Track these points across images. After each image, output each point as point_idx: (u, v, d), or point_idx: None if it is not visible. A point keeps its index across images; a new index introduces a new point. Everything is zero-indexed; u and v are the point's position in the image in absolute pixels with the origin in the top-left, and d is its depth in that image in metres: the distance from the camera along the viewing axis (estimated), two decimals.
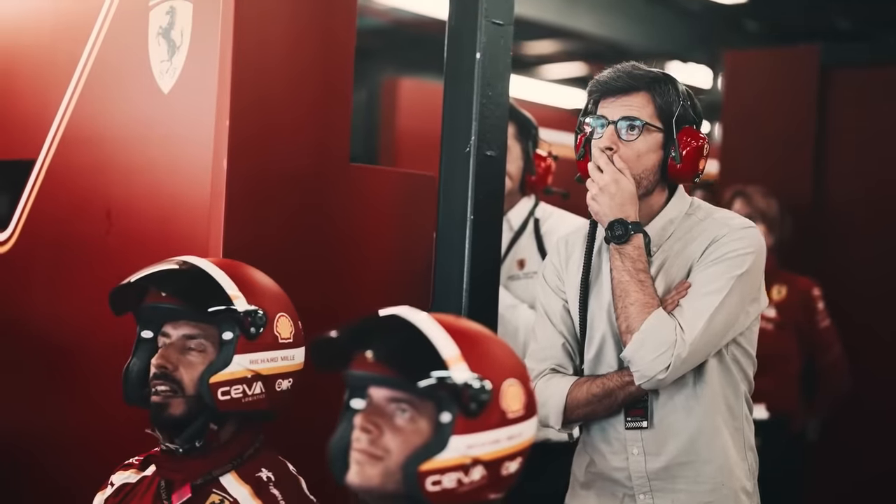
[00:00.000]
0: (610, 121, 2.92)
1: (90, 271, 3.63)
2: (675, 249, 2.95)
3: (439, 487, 2.08)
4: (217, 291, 2.68)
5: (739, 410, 2.99)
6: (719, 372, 2.94)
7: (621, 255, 2.87)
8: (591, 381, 2.97)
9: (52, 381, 3.78)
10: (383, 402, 2.16)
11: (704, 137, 2.94)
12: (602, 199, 2.88)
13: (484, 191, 3.42)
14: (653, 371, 2.82)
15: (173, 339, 2.70)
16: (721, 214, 2.99)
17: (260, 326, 2.69)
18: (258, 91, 3.33)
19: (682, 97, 2.95)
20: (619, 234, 2.87)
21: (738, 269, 2.86)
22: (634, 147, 2.90)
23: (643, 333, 2.82)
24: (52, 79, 3.80)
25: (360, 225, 3.63)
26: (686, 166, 2.92)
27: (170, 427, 2.69)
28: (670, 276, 2.93)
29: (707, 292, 2.85)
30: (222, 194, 3.24)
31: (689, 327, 2.82)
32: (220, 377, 2.65)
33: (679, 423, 2.93)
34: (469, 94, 3.40)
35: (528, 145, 4.11)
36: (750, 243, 2.90)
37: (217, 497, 2.68)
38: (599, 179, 2.88)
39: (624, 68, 2.97)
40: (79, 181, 3.70)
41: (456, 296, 3.39)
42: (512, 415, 2.15)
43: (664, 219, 2.97)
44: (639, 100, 2.92)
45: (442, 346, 2.12)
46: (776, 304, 5.46)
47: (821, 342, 5.54)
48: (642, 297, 2.84)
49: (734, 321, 2.89)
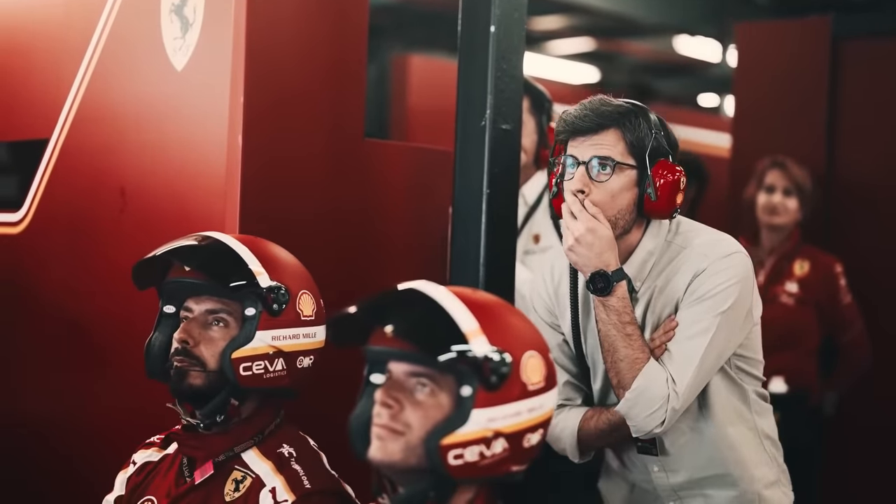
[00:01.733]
0: (580, 161, 2.80)
1: (105, 250, 3.64)
2: (659, 285, 2.86)
3: (462, 461, 2.08)
4: (241, 267, 2.68)
5: (749, 411, 2.96)
6: (725, 386, 2.91)
7: (606, 308, 2.79)
8: (598, 415, 2.93)
9: (69, 360, 3.79)
10: (403, 377, 2.16)
11: (680, 170, 2.84)
12: (579, 251, 2.77)
13: (499, 165, 3.40)
14: (648, 427, 2.79)
15: (196, 315, 2.70)
16: (701, 241, 2.88)
17: (283, 303, 2.69)
18: (272, 68, 3.33)
19: (654, 129, 2.82)
20: (601, 286, 2.77)
21: (723, 304, 2.78)
22: (608, 188, 2.79)
23: (635, 392, 2.77)
24: (65, 58, 3.79)
25: (375, 200, 3.62)
26: (662, 202, 2.81)
27: (190, 398, 2.69)
28: (657, 314, 2.87)
29: (694, 334, 2.78)
30: (238, 171, 3.24)
31: (679, 376, 2.76)
32: (242, 353, 2.65)
33: (691, 444, 2.92)
34: (484, 67, 3.38)
35: (543, 119, 4.10)
36: (733, 274, 2.80)
37: (239, 473, 2.69)
38: (574, 228, 2.77)
39: (592, 105, 2.82)
40: (92, 160, 3.70)
41: (472, 270, 3.38)
42: (532, 387, 2.15)
43: (642, 252, 2.87)
44: (609, 137, 2.80)
45: (461, 320, 2.12)
46: (798, 279, 5.41)
47: (843, 319, 5.49)
48: (630, 352, 2.78)
49: (724, 352, 2.84)
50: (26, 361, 3.97)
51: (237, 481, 2.68)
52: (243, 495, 2.65)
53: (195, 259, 2.71)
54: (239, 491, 2.66)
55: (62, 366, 3.82)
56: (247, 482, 2.67)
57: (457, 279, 3.40)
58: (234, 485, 2.68)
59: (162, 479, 2.80)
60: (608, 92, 2.89)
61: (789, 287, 5.40)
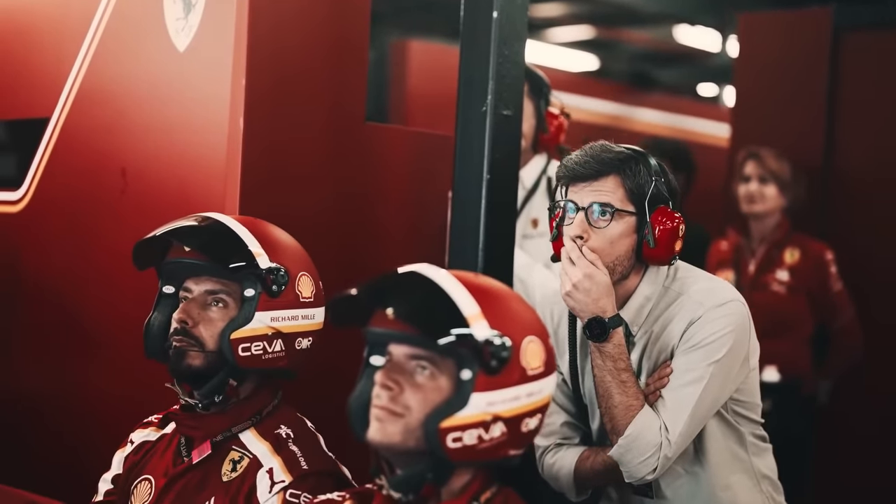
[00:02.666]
0: (580, 207, 2.81)
1: (105, 230, 3.64)
2: (656, 331, 2.86)
3: (460, 444, 2.10)
4: (240, 248, 2.69)
5: (746, 453, 2.96)
6: (721, 430, 2.91)
7: (601, 354, 2.79)
8: (595, 456, 2.92)
9: (68, 339, 3.80)
10: (403, 359, 2.17)
11: (679, 217, 2.83)
12: (577, 296, 2.77)
13: (500, 150, 3.40)
14: (640, 473, 2.79)
15: (195, 295, 2.71)
16: (697, 288, 2.87)
17: (282, 284, 2.69)
18: (274, 50, 3.33)
19: (654, 175, 2.82)
20: (597, 333, 2.77)
21: (716, 354, 2.78)
22: (606, 234, 2.79)
23: (628, 439, 2.77)
24: (66, 37, 3.79)
25: (376, 184, 3.63)
26: (661, 249, 2.80)
27: (188, 378, 2.70)
28: (653, 360, 2.87)
29: (687, 382, 2.78)
30: (239, 152, 3.25)
31: (672, 424, 2.77)
32: (241, 333, 2.66)
33: (687, 488, 2.92)
34: (486, 53, 3.37)
35: (541, 103, 4.09)
36: (726, 323, 2.79)
37: (236, 454, 2.70)
38: (572, 274, 2.77)
39: (592, 151, 2.83)
40: (93, 140, 3.71)
41: (472, 255, 3.38)
42: (532, 371, 2.17)
43: (640, 298, 2.87)
44: (609, 184, 2.80)
45: (462, 303, 2.13)
46: (789, 267, 5.46)
47: (834, 306, 5.52)
48: (625, 399, 2.78)
49: (719, 400, 2.84)
50: (25, 340, 3.97)
51: (234, 461, 2.69)
52: (240, 475, 2.66)
53: (195, 239, 2.72)
54: (236, 471, 2.68)
55: (61, 345, 3.83)
56: (244, 462, 2.68)
57: (456, 264, 3.40)
58: (232, 465, 2.69)
59: (159, 458, 2.81)
60: (606, 78, 2.89)
61: (780, 275, 5.44)
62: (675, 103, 11.59)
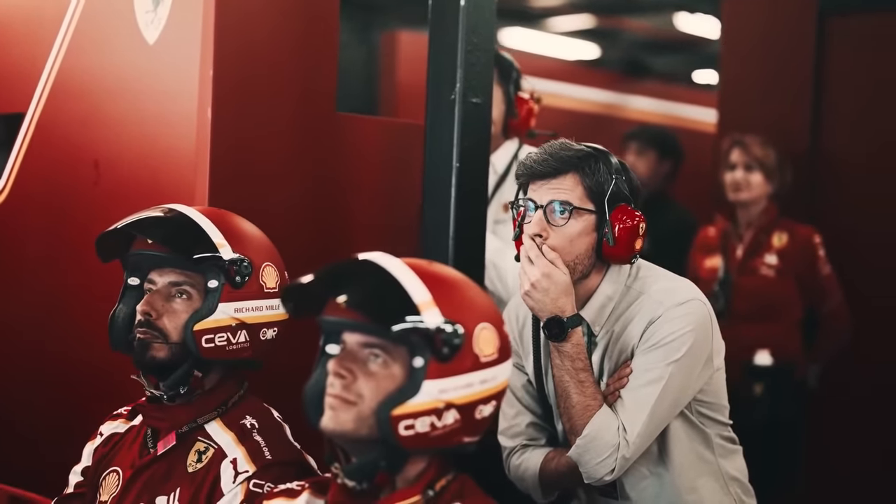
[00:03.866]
0: (538, 205, 2.80)
1: (80, 222, 3.65)
2: (616, 331, 2.85)
3: (412, 432, 2.10)
4: (203, 239, 2.69)
5: (712, 455, 2.95)
6: (685, 431, 2.90)
7: (560, 354, 2.79)
8: (559, 457, 2.92)
9: (45, 330, 3.81)
10: (356, 348, 2.18)
11: (640, 215, 2.82)
12: (535, 296, 2.77)
13: (470, 139, 3.39)
14: (598, 474, 2.78)
15: (159, 287, 2.71)
16: (658, 287, 2.86)
17: (245, 275, 2.69)
18: (242, 41, 3.33)
19: (614, 173, 2.80)
20: (555, 332, 2.77)
21: (675, 353, 2.77)
22: (565, 232, 2.78)
23: (585, 439, 2.76)
24: (41, 32, 3.79)
25: (347, 174, 3.62)
26: (621, 248, 2.80)
27: (153, 370, 2.70)
28: (614, 360, 2.86)
29: (646, 381, 2.77)
30: (207, 144, 3.25)
31: (630, 424, 2.76)
32: (205, 325, 2.66)
33: (651, 489, 2.91)
34: (454, 40, 3.36)
35: (510, 88, 4.07)
36: (685, 322, 2.78)
37: (202, 444, 2.70)
38: (531, 273, 2.76)
39: (552, 148, 2.82)
40: (68, 133, 3.71)
41: (443, 243, 3.38)
42: (485, 358, 2.16)
43: (601, 297, 2.86)
44: (567, 182, 2.79)
45: (414, 291, 2.13)
46: (777, 250, 5.45)
47: (822, 289, 5.52)
48: (582, 399, 2.77)
49: (679, 400, 2.83)
50: (3, 332, 3.97)
51: (200, 452, 2.70)
52: (205, 466, 2.67)
53: (157, 232, 2.71)
54: (201, 462, 2.68)
55: (37, 334, 3.83)
56: (209, 453, 2.68)
57: (428, 252, 3.40)
58: (197, 455, 2.70)
59: (127, 450, 2.82)
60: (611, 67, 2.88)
61: (769, 259, 5.44)
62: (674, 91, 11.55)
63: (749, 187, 5.47)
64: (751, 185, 5.47)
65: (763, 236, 5.49)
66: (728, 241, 5.56)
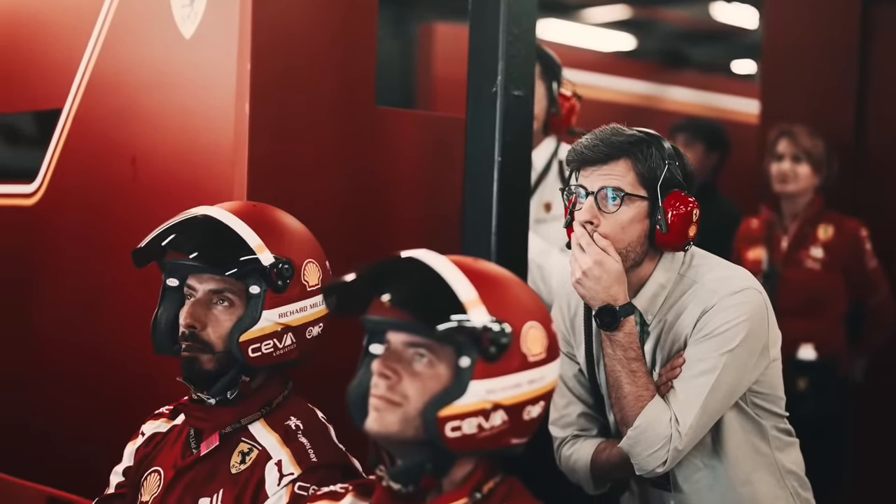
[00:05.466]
0: (589, 191, 2.74)
1: (117, 218, 3.63)
2: (669, 320, 2.79)
3: (459, 433, 2.05)
4: (240, 245, 2.61)
5: (768, 447, 2.88)
6: (740, 423, 2.84)
7: (612, 343, 2.73)
8: (611, 448, 2.86)
9: (83, 329, 3.79)
10: (401, 347, 2.13)
11: (693, 202, 2.76)
12: (587, 284, 2.71)
13: (512, 132, 3.34)
14: (650, 466, 2.73)
15: (199, 295, 2.64)
16: (713, 276, 2.79)
17: (287, 278, 2.63)
18: (280, 34, 3.29)
19: (667, 159, 2.75)
20: (607, 321, 2.72)
21: (730, 343, 2.70)
22: (617, 219, 2.72)
23: (637, 430, 2.71)
24: (76, 27, 3.78)
25: (387, 168, 3.59)
26: (674, 235, 2.73)
27: (201, 381, 2.65)
28: (666, 350, 2.80)
29: (699, 372, 2.71)
30: (245, 139, 3.22)
31: (683, 416, 2.70)
32: (250, 335, 2.60)
33: (705, 481, 2.85)
34: (495, 31, 3.31)
35: (553, 85, 4.02)
36: (740, 312, 2.72)
37: (245, 445, 2.66)
38: (582, 261, 2.71)
39: (602, 134, 2.76)
40: (104, 129, 3.69)
41: (485, 239, 3.34)
42: (533, 358, 2.11)
43: (654, 285, 2.80)
44: (619, 168, 2.73)
45: (460, 289, 2.07)
46: (823, 244, 5.38)
47: (869, 283, 5.45)
48: (634, 389, 2.72)
49: (734, 391, 2.77)
50: (41, 331, 3.96)
51: (243, 453, 2.65)
52: (249, 467, 2.62)
53: (191, 244, 2.63)
54: (245, 463, 2.64)
55: (76, 334, 3.81)
56: (253, 454, 2.64)
57: (469, 249, 3.36)
58: (241, 457, 2.65)
59: (169, 450, 2.77)
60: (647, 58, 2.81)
61: (814, 252, 5.37)
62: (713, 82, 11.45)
63: (796, 178, 5.40)
64: (798, 176, 5.40)
65: (808, 228, 5.42)
66: (773, 232, 5.49)
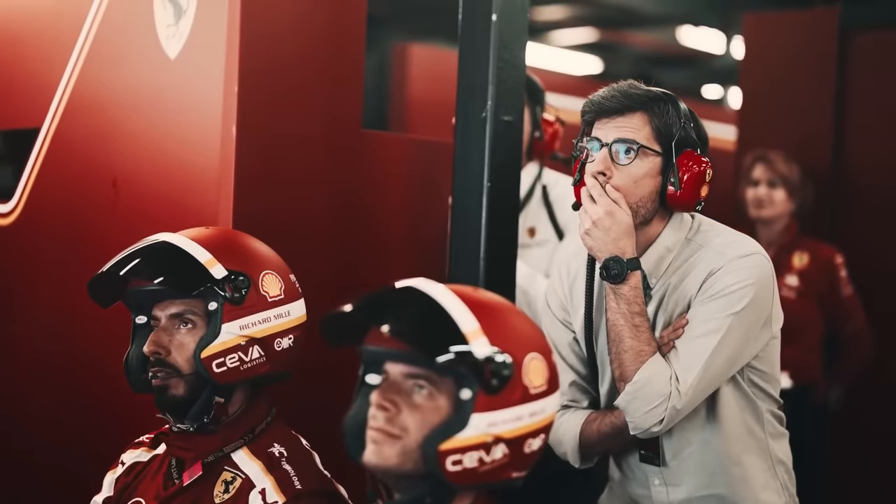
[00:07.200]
0: (603, 143, 2.72)
1: (96, 242, 3.57)
2: (673, 282, 2.76)
3: (460, 467, 2.01)
4: (191, 263, 2.59)
5: (762, 431, 2.84)
6: (736, 399, 2.80)
7: (616, 296, 2.70)
8: (602, 418, 2.85)
9: (60, 352, 3.73)
10: (400, 379, 2.09)
11: (707, 162, 2.74)
12: (596, 234, 2.68)
13: (500, 157, 3.33)
14: (646, 424, 2.68)
15: (163, 322, 2.62)
16: (720, 241, 2.77)
17: (242, 289, 2.59)
18: (267, 56, 3.26)
19: (683, 118, 2.73)
20: (614, 273, 2.67)
21: (736, 305, 2.67)
22: (630, 172, 2.70)
23: (636, 385, 2.67)
24: (56, 45, 3.73)
25: (373, 192, 3.56)
26: (686, 193, 2.71)
27: (176, 408, 2.62)
28: (669, 312, 2.77)
29: (703, 333, 2.68)
30: (231, 162, 3.17)
31: (684, 375, 2.66)
32: (212, 350, 2.57)
33: (695, 458, 2.82)
34: (485, 57, 3.31)
35: (536, 109, 4.02)
36: (748, 275, 2.68)
37: (229, 474, 2.62)
38: (593, 212, 2.68)
39: (620, 87, 2.74)
40: (84, 150, 3.64)
41: (473, 265, 3.32)
42: (534, 390, 2.08)
43: (660, 247, 2.78)
44: (635, 121, 2.71)
45: (461, 320, 2.04)
46: (798, 271, 5.39)
47: (844, 311, 5.46)
48: (636, 343, 2.69)
49: (737, 358, 2.73)
50: (17, 353, 3.90)
51: (227, 482, 2.61)
52: (233, 497, 2.58)
53: (143, 267, 2.61)
54: (228, 492, 2.60)
55: (50, 359, 3.76)
56: (236, 483, 2.60)
57: (457, 274, 3.34)
58: (224, 486, 2.61)
59: (151, 480, 2.73)
60: (615, 81, 2.80)
61: (789, 280, 5.37)
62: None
63: (772, 204, 5.42)
64: (774, 201, 5.42)
65: (783, 256, 5.42)
66: None
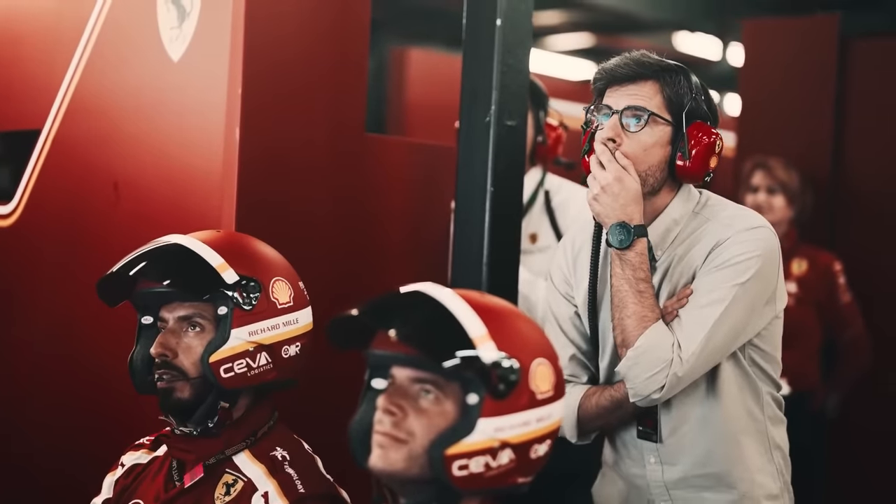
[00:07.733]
0: (614, 110, 2.72)
1: (97, 245, 3.56)
2: (679, 254, 2.76)
3: (466, 472, 2.01)
4: (203, 266, 2.58)
5: (761, 413, 2.83)
6: (736, 377, 2.79)
7: (622, 262, 2.69)
8: (601, 392, 2.84)
9: (60, 354, 3.71)
10: (406, 383, 2.08)
11: (717, 134, 2.73)
12: (604, 200, 2.68)
13: (504, 162, 3.33)
14: (647, 390, 2.68)
15: (170, 324, 2.61)
16: (728, 213, 2.78)
17: (253, 295, 2.59)
18: (271, 58, 3.25)
19: (694, 90, 2.73)
20: (620, 238, 2.67)
21: (741, 276, 2.66)
22: (640, 139, 2.70)
23: (637, 350, 2.66)
24: (58, 47, 3.71)
25: (376, 196, 3.56)
26: (695, 164, 2.70)
27: (180, 411, 2.61)
28: (674, 283, 2.77)
29: (707, 303, 2.66)
30: (235, 165, 3.16)
31: (686, 343, 2.66)
32: (220, 355, 2.56)
33: (693, 435, 2.80)
34: (489, 61, 3.31)
35: (540, 114, 4.01)
36: (755, 246, 2.68)
37: (230, 477, 2.61)
38: (601, 177, 2.68)
39: (633, 56, 2.74)
40: (85, 152, 3.63)
41: (476, 269, 3.31)
42: (541, 395, 2.08)
43: (667, 219, 2.77)
44: (646, 89, 2.72)
45: (468, 324, 2.03)
46: (796, 278, 5.40)
47: (842, 317, 5.47)
48: (640, 309, 2.68)
49: (740, 330, 2.72)
50: (17, 356, 3.89)
51: (228, 485, 2.60)
52: (234, 499, 2.57)
53: (154, 269, 2.61)
54: (230, 495, 2.59)
55: (53, 362, 3.74)
56: (238, 486, 2.59)
57: (459, 278, 3.33)
58: (225, 489, 2.60)
59: (150, 482, 2.72)
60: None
61: (788, 287, 5.35)
62: None
63: (771, 210, 5.41)
64: (773, 208, 5.42)
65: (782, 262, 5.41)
66: None
